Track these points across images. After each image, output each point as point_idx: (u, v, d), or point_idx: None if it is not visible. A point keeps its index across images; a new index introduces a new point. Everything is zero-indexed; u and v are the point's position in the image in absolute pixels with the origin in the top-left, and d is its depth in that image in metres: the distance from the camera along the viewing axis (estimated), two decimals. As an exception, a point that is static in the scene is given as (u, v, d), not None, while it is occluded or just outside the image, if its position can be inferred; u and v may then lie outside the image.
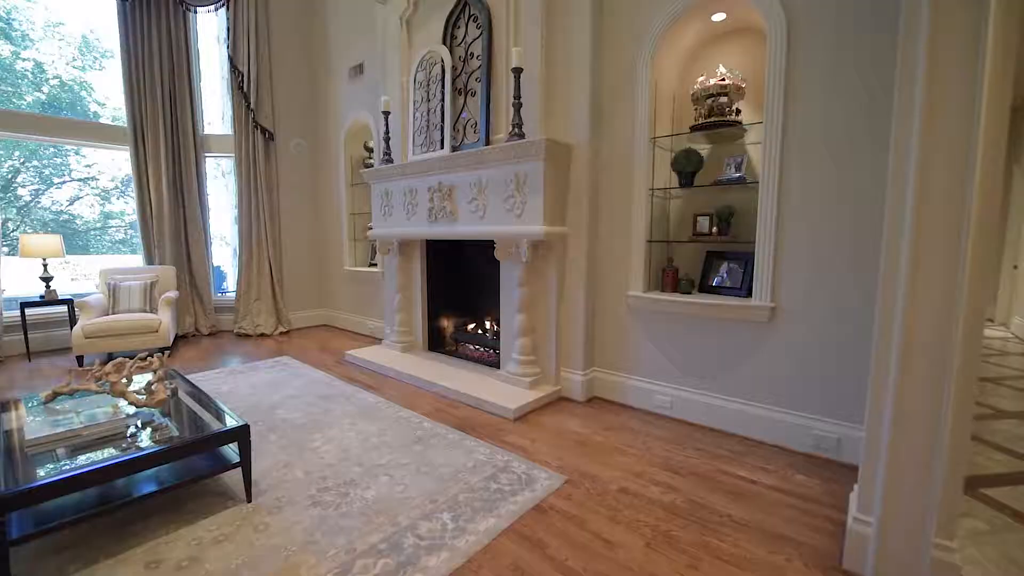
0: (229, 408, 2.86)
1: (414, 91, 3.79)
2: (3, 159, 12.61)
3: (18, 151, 12.19)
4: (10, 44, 11.25)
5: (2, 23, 11.00)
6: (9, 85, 10.93)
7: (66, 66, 10.80)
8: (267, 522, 1.83)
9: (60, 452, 1.67)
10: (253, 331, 5.13)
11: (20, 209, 13.13)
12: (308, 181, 5.64)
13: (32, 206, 13.37)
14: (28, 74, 11.44)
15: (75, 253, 12.88)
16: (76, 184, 12.13)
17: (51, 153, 12.45)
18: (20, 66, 11.23)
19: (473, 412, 2.97)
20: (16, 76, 11.15)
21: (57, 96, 11.33)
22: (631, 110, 2.85)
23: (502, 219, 3.15)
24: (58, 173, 13.07)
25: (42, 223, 13.82)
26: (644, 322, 2.93)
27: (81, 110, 9.46)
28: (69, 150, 10.69)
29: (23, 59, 11.06)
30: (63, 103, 10.33)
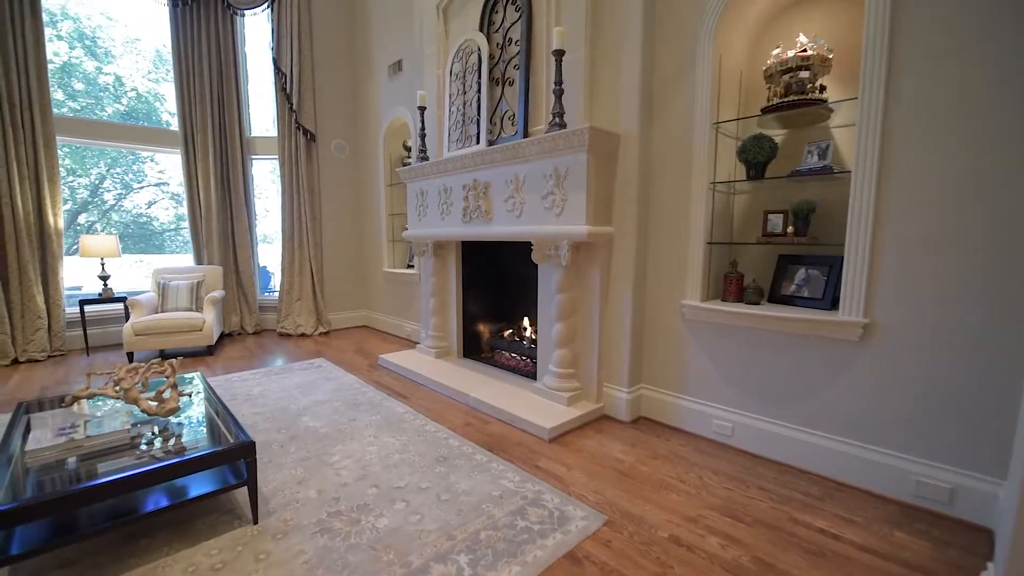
0: (253, 413, 2.76)
1: (450, 83, 3.59)
2: (92, 166, 13.81)
3: (104, 159, 13.29)
4: (95, 60, 12.26)
5: (88, 41, 12.02)
6: (92, 98, 11.91)
7: (142, 79, 11.62)
8: (269, 550, 1.66)
9: (60, 464, 1.58)
10: (294, 331, 5.15)
11: (104, 212, 14.34)
12: (349, 182, 5.61)
13: (116, 208, 14.56)
14: (109, 87, 12.43)
15: (151, 253, 13.95)
16: (153, 189, 13.09)
17: (130, 160, 13.49)
18: (102, 80, 12.22)
19: (505, 429, 2.72)
20: (99, 89, 12.14)
21: (134, 107, 12.25)
22: (689, 92, 2.49)
23: (540, 218, 2.87)
24: (137, 179, 14.17)
25: (123, 225, 15.01)
26: (701, 336, 2.56)
27: (155, 119, 10.10)
28: (146, 158, 11.52)
29: (105, 73, 12.02)
30: (139, 113, 11.13)
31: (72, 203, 13.43)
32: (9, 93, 3.89)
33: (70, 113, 11.60)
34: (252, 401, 3.13)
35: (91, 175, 13.39)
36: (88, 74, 12.14)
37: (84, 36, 11.89)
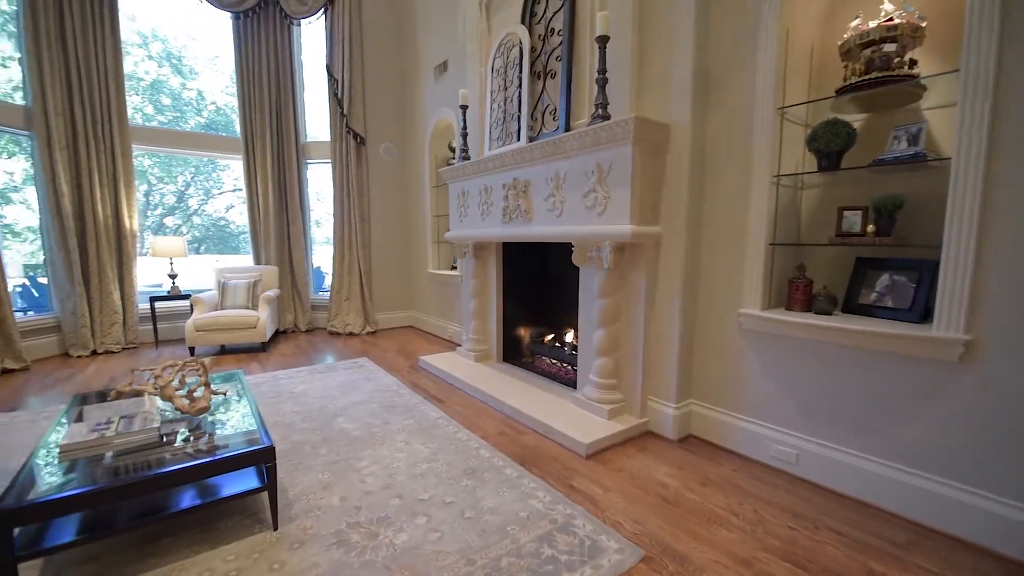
0: (293, 411, 2.79)
1: (491, 80, 3.48)
2: (178, 174, 15.10)
3: (188, 168, 14.50)
4: (180, 77, 13.37)
5: (175, 60, 13.12)
6: (177, 111, 13.01)
7: (220, 92, 12.52)
8: (284, 560, 1.61)
9: (90, 460, 1.62)
10: (343, 330, 5.27)
11: (188, 216, 15.64)
12: (396, 184, 5.68)
13: (198, 212, 15.84)
14: (192, 101, 13.54)
15: (228, 254, 15.07)
16: (230, 194, 14.13)
17: (210, 169, 14.65)
18: (186, 95, 13.33)
19: (540, 441, 2.56)
20: (183, 103, 13.24)
21: (213, 119, 13.27)
22: (750, 75, 2.22)
23: (581, 218, 2.69)
24: (216, 185, 15.36)
25: (204, 228, 16.30)
26: (762, 348, 2.27)
27: (232, 130, 10.84)
28: (224, 166, 12.44)
29: (188, 89, 13.10)
30: (218, 125, 12.03)
31: (161, 208, 14.79)
32: (92, 107, 4.24)
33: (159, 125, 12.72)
34: (294, 399, 3.18)
35: (177, 182, 14.69)
36: (174, 90, 13.31)
37: (171, 55, 13.02)
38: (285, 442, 2.53)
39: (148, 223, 14.10)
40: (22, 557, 1.38)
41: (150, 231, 14.08)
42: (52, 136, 4.09)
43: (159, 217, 14.65)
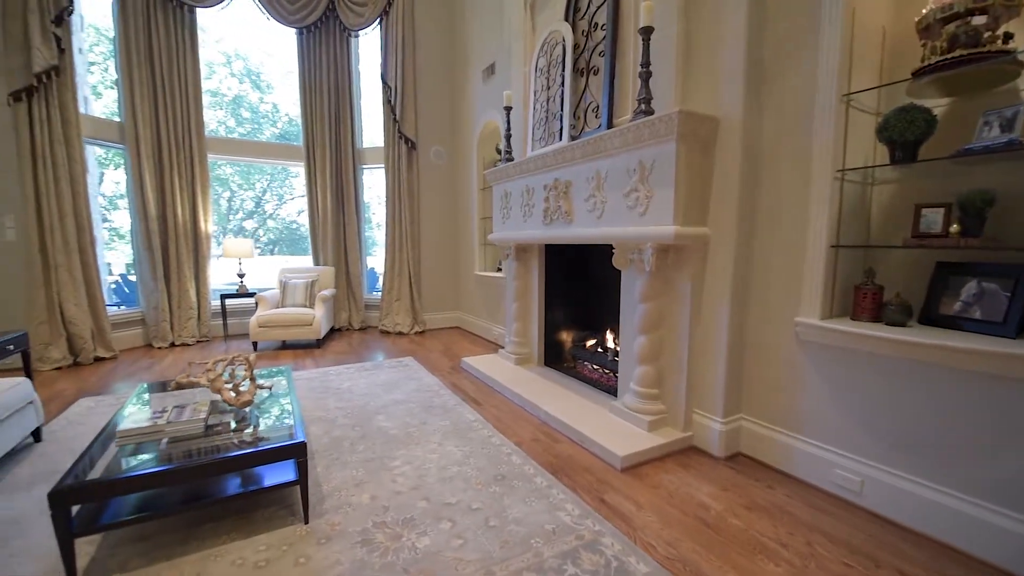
0: (337, 407, 2.89)
1: (535, 80, 3.44)
2: (256, 181, 16.28)
3: (263, 176, 15.61)
4: (258, 91, 14.46)
5: (254, 76, 14.18)
6: (255, 123, 14.06)
7: (292, 105, 13.39)
8: (310, 555, 1.65)
9: (141, 446, 1.75)
10: (393, 329, 5.44)
11: (263, 220, 16.81)
12: (445, 187, 5.78)
13: (273, 216, 17.00)
14: (268, 114, 14.59)
15: (299, 255, 16.09)
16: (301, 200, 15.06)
17: (283, 177, 15.73)
18: (263, 108, 14.38)
19: (575, 450, 2.47)
20: (260, 116, 14.30)
21: (286, 130, 14.25)
22: (810, 60, 2.01)
23: (622, 219, 2.57)
24: (289, 192, 16.45)
25: (277, 230, 17.46)
26: (822, 362, 2.05)
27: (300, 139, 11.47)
28: (295, 173, 13.34)
29: (265, 102, 14.12)
30: (291, 135, 12.89)
31: (242, 212, 16.07)
32: (174, 120, 4.67)
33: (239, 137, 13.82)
34: (339, 395, 3.30)
35: (255, 188, 15.90)
36: (252, 104, 14.45)
37: (251, 72, 14.14)
38: (326, 437, 2.62)
39: (230, 226, 15.41)
40: (79, 533, 1.51)
41: (232, 233, 15.36)
42: (140, 148, 4.54)
43: (239, 220, 15.97)
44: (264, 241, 16.53)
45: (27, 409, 2.40)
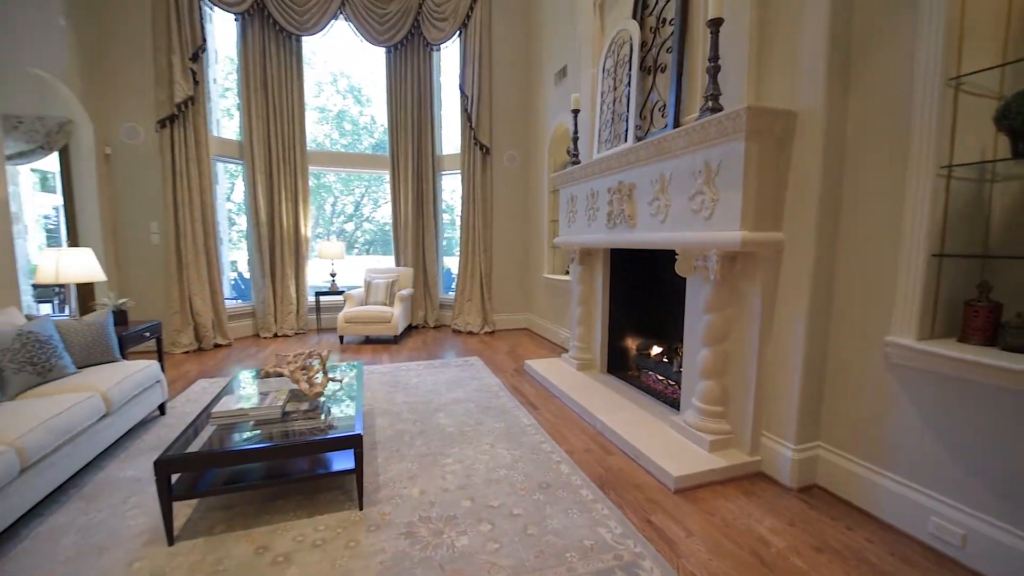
0: (403, 402, 3.08)
1: (602, 81, 3.36)
2: (355, 187, 17.70)
3: (361, 183, 16.95)
4: (359, 105, 15.70)
5: (355, 92, 15.41)
6: (355, 135, 15.29)
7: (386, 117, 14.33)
8: (359, 540, 1.78)
9: (228, 427, 2.01)
10: (464, 328, 5.64)
11: (360, 223, 18.24)
12: (517, 190, 5.86)
13: (369, 219, 18.39)
14: (367, 126, 15.80)
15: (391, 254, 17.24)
16: (392, 203, 16.09)
17: (379, 182, 16.95)
18: (362, 120, 15.60)
19: (627, 464, 2.38)
20: (360, 128, 15.53)
21: (381, 140, 15.35)
22: (907, 38, 1.74)
23: (686, 223, 2.43)
24: (383, 196, 17.72)
25: (372, 232, 18.83)
26: (918, 390, 1.76)
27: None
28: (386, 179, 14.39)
29: (364, 115, 15.31)
30: (384, 145, 13.90)
31: (343, 216, 17.63)
32: (282, 137, 5.27)
33: (342, 148, 15.14)
34: (407, 390, 3.50)
35: (355, 194, 17.35)
36: (354, 117, 15.77)
37: (353, 88, 15.45)
38: (390, 429, 2.80)
39: (333, 228, 17.01)
40: (177, 497, 1.78)
41: (334, 235, 16.93)
42: (255, 163, 5.19)
43: (341, 223, 17.57)
44: (362, 242, 18.02)
45: (154, 387, 2.87)
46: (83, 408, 2.17)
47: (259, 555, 1.70)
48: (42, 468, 1.88)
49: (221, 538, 1.78)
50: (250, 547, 1.74)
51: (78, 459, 2.12)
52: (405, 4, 5.39)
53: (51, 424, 1.96)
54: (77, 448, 2.12)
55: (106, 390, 2.39)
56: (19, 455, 1.75)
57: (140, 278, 4.72)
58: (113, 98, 4.51)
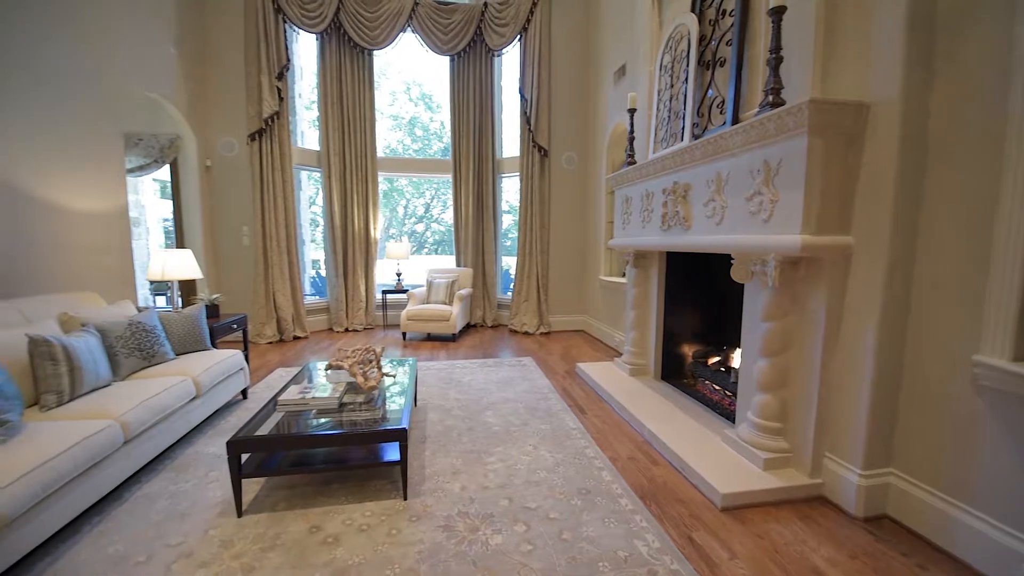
0: (455, 398, 3.21)
1: (659, 78, 3.24)
2: (426, 190, 18.46)
3: (431, 186, 17.64)
4: (430, 111, 16.37)
5: (427, 99, 16.08)
6: (425, 141, 15.95)
7: (453, 120, 14.71)
8: (401, 529, 1.89)
9: (291, 413, 2.21)
10: (520, 328, 5.70)
11: (429, 224, 18.98)
12: (575, 192, 5.81)
13: (438, 220, 19.09)
14: (437, 132, 16.42)
15: (457, 254, 17.65)
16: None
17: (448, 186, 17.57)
18: (433, 127, 16.24)
19: (672, 476, 2.29)
20: (430, 134, 16.17)
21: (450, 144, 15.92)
22: (1006, 15, 1.51)
23: (743, 225, 2.29)
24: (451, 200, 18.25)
25: (440, 233, 19.52)
26: (1013, 418, 1.53)
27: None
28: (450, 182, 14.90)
29: (433, 120, 15.93)
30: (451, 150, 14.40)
31: (414, 218, 18.45)
32: (354, 146, 5.64)
33: (414, 154, 15.85)
34: (460, 388, 3.62)
35: (425, 196, 18.10)
36: (425, 124, 16.47)
37: (424, 96, 16.15)
38: (440, 425, 2.91)
39: (405, 229, 17.86)
40: (245, 475, 1.99)
41: (406, 235, 17.77)
42: (331, 170, 5.61)
43: (412, 224, 18.42)
44: (431, 242, 18.77)
45: (238, 374, 3.21)
46: (177, 390, 2.49)
47: (312, 534, 1.85)
48: (142, 441, 2.19)
49: (281, 515, 1.97)
50: (305, 526, 1.90)
51: (171, 435, 2.44)
52: (468, 13, 5.54)
53: (150, 403, 2.27)
54: (171, 425, 2.43)
55: (196, 375, 2.71)
56: (123, 429, 2.05)
57: (232, 275, 5.28)
58: (213, 115, 5.09)
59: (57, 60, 3.06)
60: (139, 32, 3.94)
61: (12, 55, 2.75)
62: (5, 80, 2.71)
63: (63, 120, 3.10)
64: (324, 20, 5.26)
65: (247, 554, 1.73)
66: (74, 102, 3.19)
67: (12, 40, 2.76)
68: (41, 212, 2.92)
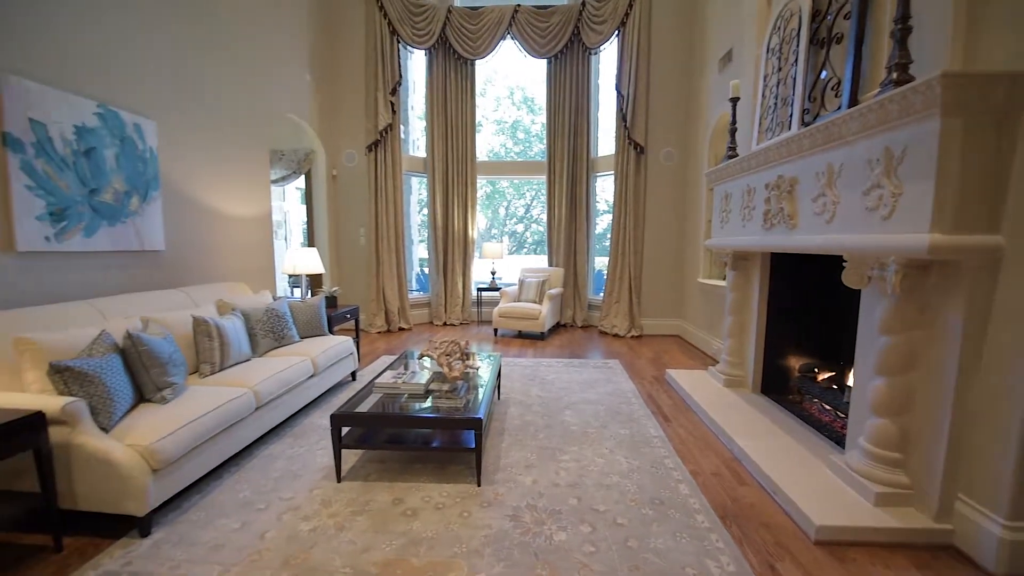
0: (537, 395, 3.30)
1: (765, 63, 2.96)
2: (527, 192, 18.81)
3: (531, 187, 17.91)
4: (531, 114, 16.65)
5: (529, 103, 16.38)
6: (526, 143, 16.25)
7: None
8: (471, 511, 2.00)
9: (386, 396, 2.45)
10: (610, 330, 5.58)
11: (529, 224, 19.30)
12: (673, 189, 5.51)
13: (537, 221, 19.32)
14: (538, 134, 16.65)
15: (556, 254, 17.76)
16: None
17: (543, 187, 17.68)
18: (534, 129, 16.50)
19: (761, 499, 2.10)
20: (531, 136, 16.44)
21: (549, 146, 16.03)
22: None
23: (858, 223, 2.01)
24: (551, 198, 18.25)
25: (539, 233, 19.82)
26: None
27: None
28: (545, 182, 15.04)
29: (534, 123, 16.18)
30: (550, 149, 14.51)
31: (515, 218, 18.94)
32: (456, 151, 6.00)
33: (516, 157, 16.26)
34: (543, 385, 3.68)
35: (526, 197, 18.48)
36: (526, 127, 16.80)
37: (526, 99, 16.48)
38: (519, 419, 3.00)
39: (505, 230, 18.42)
40: (345, 446, 2.26)
41: (506, 236, 18.31)
42: (435, 174, 6.03)
43: (513, 224, 18.93)
44: (530, 242, 19.11)
45: (348, 358, 3.63)
46: (298, 368, 2.91)
47: (395, 505, 2.05)
48: (269, 408, 2.60)
49: (372, 485, 2.21)
50: (390, 497, 2.11)
51: (292, 406, 2.85)
52: (566, 15, 5.56)
53: (278, 377, 2.68)
54: (292, 397, 2.85)
55: (315, 356, 3.13)
56: (256, 397, 2.45)
57: (350, 271, 5.95)
58: (338, 130, 5.78)
59: (229, 95, 3.75)
60: (284, 65, 4.63)
61: (200, 95, 3.44)
62: (193, 115, 3.38)
63: (227, 142, 3.78)
64: (432, 36, 5.67)
65: (341, 514, 1.97)
66: (235, 127, 3.87)
67: (203, 85, 3.45)
68: (206, 217, 3.60)
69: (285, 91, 4.68)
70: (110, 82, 2.76)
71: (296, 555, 1.73)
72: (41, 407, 1.70)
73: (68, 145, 2.49)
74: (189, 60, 3.37)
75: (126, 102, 2.86)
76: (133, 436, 1.85)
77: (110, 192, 2.73)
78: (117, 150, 2.77)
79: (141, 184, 2.94)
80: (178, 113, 3.27)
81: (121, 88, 2.83)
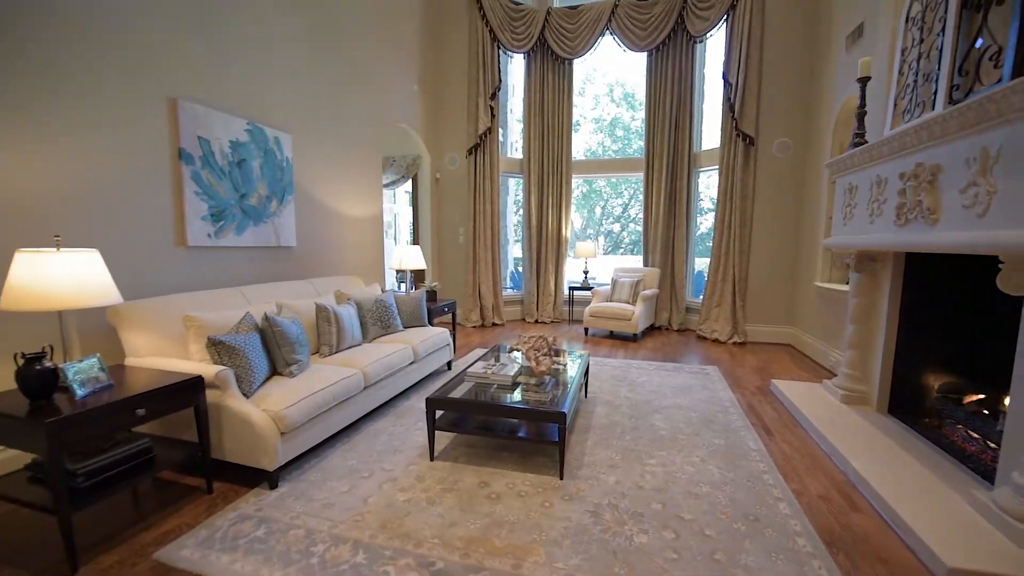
0: (625, 396, 3.29)
1: (903, 36, 2.58)
2: (625, 190, 18.38)
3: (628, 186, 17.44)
4: (631, 111, 16.21)
5: (629, 99, 15.97)
6: (625, 140, 15.86)
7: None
8: (552, 503, 2.05)
9: (476, 385, 2.59)
10: (709, 335, 5.24)
11: (625, 224, 18.81)
12: (788, 184, 4.99)
13: (635, 220, 18.78)
14: (637, 130, 16.15)
15: (653, 253, 17.26)
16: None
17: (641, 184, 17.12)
18: (633, 125, 16.04)
19: (877, 529, 1.86)
20: (630, 133, 16.01)
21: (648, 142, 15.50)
22: None
23: (1021, 216, 1.69)
24: (650, 195, 17.61)
25: (637, 232, 19.18)
26: None
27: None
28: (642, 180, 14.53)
29: (634, 119, 15.71)
30: (650, 145, 14.01)
31: (611, 217, 18.55)
32: (551, 152, 6.07)
33: (614, 155, 15.93)
34: (632, 387, 3.59)
35: (624, 196, 18.02)
36: (626, 123, 16.36)
37: (627, 96, 16.06)
38: (605, 419, 2.97)
39: (601, 229, 18.12)
40: (438, 428, 2.44)
41: (602, 235, 18.01)
42: (530, 175, 6.16)
43: (609, 224, 18.54)
44: (627, 242, 18.56)
45: (445, 348, 3.89)
46: (401, 355, 3.19)
47: (480, 488, 2.17)
48: (376, 388, 2.89)
49: (461, 466, 2.36)
50: (476, 480, 2.23)
51: (395, 388, 3.14)
52: (669, 3, 5.33)
53: (384, 361, 2.97)
54: (395, 380, 3.13)
55: (415, 345, 3.41)
56: (364, 377, 2.75)
57: (449, 268, 6.32)
58: (441, 135, 6.17)
59: (348, 107, 4.23)
60: (395, 76, 5.08)
61: (325, 109, 3.93)
62: (319, 127, 3.88)
63: (346, 150, 4.26)
64: (531, 39, 5.80)
65: (432, 490, 2.14)
66: (354, 137, 4.34)
67: (327, 99, 3.95)
68: (328, 217, 4.08)
69: (396, 101, 5.12)
70: (256, 101, 3.27)
71: (392, 521, 1.91)
72: (201, 372, 2.10)
73: (225, 157, 3.00)
74: (316, 76, 3.85)
75: (269, 119, 3.37)
76: (267, 403, 2.19)
77: (256, 196, 3.24)
78: (262, 160, 3.28)
79: (279, 189, 3.44)
80: (308, 126, 3.76)
81: (265, 106, 3.34)
